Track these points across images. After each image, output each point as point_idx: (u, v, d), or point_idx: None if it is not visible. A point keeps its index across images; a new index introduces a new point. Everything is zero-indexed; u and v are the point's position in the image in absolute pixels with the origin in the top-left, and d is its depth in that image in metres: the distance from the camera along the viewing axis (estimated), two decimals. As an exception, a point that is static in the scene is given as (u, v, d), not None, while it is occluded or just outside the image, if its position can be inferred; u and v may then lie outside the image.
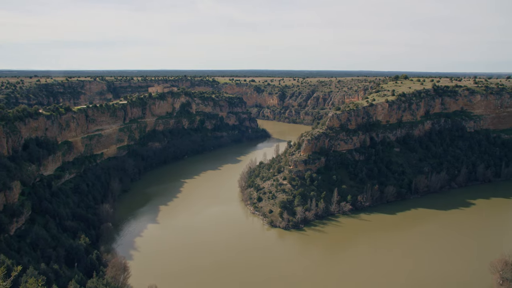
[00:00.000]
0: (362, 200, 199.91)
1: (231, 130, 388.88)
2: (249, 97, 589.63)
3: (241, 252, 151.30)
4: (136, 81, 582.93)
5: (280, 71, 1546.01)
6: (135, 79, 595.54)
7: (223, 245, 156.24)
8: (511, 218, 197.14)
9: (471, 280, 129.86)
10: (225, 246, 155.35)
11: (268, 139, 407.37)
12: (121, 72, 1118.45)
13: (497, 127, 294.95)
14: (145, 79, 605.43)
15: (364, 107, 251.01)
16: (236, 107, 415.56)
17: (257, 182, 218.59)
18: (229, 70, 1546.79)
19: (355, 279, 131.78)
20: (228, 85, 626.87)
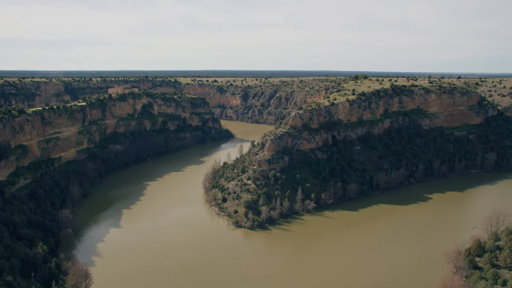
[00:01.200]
0: (325, 198, 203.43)
1: (194, 131, 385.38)
2: (212, 98, 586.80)
3: (206, 253, 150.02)
4: (95, 82, 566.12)
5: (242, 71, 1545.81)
6: (94, 80, 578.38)
7: (188, 247, 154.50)
8: (464, 210, 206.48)
9: (428, 270, 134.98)
10: (191, 248, 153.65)
11: (232, 139, 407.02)
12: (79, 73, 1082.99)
13: (450, 125, 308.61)
14: (105, 80, 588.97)
15: (326, 106, 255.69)
16: (199, 107, 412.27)
17: (222, 183, 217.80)
18: (192, 70, 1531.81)
19: (321, 276, 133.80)
20: (190, 85, 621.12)
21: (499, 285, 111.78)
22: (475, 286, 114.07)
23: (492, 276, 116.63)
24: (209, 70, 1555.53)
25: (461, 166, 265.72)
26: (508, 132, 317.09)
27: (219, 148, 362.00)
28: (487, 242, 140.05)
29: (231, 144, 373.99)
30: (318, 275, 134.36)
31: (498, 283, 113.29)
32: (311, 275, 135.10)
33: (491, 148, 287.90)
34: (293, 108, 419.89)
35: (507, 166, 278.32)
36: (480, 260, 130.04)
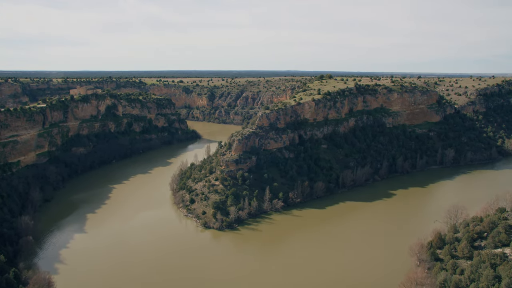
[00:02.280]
0: (293, 197, 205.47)
1: (160, 132, 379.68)
2: (178, 98, 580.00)
3: (175, 256, 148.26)
4: (56, 83, 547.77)
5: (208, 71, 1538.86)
6: (55, 81, 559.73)
7: (156, 251, 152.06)
8: (426, 205, 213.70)
9: (393, 263, 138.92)
10: (159, 252, 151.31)
11: (199, 140, 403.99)
12: (38, 73, 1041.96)
13: (412, 122, 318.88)
14: (66, 80, 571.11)
15: (292, 106, 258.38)
16: (165, 108, 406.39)
17: (189, 184, 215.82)
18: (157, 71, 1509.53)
19: (290, 275, 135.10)
20: (156, 86, 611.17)
21: (457, 275, 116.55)
22: (437, 277, 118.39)
23: (452, 267, 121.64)
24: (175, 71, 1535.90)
25: (422, 163, 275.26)
26: (465, 129, 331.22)
27: (186, 149, 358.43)
28: (447, 234, 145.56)
29: (198, 145, 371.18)
30: (286, 274, 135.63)
31: (457, 273, 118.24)
32: (279, 274, 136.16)
33: (450, 145, 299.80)
34: (260, 108, 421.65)
35: (464, 161, 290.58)
36: (441, 252, 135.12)
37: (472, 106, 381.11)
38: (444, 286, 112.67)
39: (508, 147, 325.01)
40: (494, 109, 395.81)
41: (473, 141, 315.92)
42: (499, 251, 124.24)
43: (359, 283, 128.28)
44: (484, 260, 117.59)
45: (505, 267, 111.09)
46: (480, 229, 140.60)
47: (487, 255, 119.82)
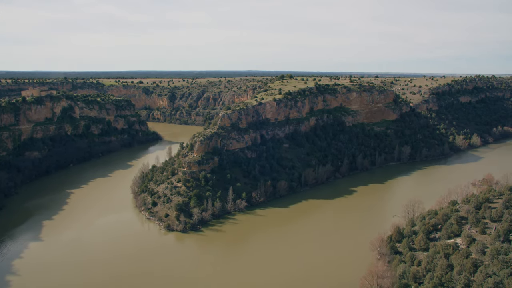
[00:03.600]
0: (256, 197, 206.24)
1: (120, 134, 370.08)
2: (138, 99, 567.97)
3: (138, 261, 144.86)
4: (4, 84, 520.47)
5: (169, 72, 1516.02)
6: (3, 81, 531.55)
7: (118, 256, 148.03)
8: (385, 201, 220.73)
9: (356, 259, 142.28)
10: (121, 257, 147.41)
11: (160, 141, 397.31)
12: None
13: (370, 121, 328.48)
14: (17, 81, 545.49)
15: (254, 106, 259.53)
16: (124, 110, 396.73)
17: (151, 187, 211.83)
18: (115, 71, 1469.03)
19: (254, 274, 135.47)
20: (114, 87, 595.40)
21: (415, 266, 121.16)
22: (396, 269, 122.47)
23: (410, 259, 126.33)
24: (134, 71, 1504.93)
25: (381, 160, 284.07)
26: (419, 126, 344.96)
27: (147, 151, 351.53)
28: (405, 228, 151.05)
29: (160, 146, 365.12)
30: (251, 274, 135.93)
31: (414, 264, 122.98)
32: (244, 274, 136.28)
33: (406, 142, 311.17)
34: (221, 108, 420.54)
35: (419, 158, 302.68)
36: (400, 245, 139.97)
37: (426, 104, 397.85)
38: (403, 277, 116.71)
39: (458, 143, 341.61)
40: (446, 107, 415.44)
41: (427, 138, 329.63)
42: (451, 242, 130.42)
43: (323, 280, 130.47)
44: (439, 251, 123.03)
45: (457, 256, 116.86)
46: (435, 221, 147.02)
47: (441, 246, 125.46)
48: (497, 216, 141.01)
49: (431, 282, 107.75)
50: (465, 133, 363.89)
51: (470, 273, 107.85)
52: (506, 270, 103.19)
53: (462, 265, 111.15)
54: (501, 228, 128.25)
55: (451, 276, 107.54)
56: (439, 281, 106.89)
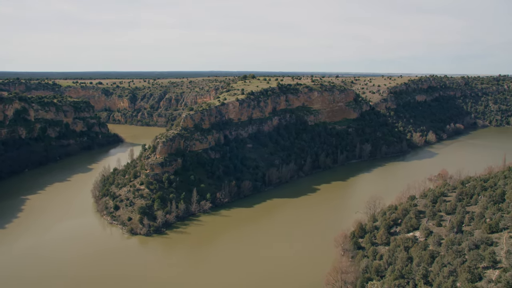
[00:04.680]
0: (221, 197, 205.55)
1: (79, 137, 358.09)
2: (97, 101, 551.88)
3: (101, 266, 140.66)
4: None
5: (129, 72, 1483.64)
6: None
7: (79, 263, 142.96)
8: (348, 197, 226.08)
9: (321, 255, 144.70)
10: (82, 264, 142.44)
11: (121, 144, 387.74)
12: None
13: (332, 120, 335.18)
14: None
15: (217, 106, 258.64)
16: (83, 112, 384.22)
17: (113, 190, 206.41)
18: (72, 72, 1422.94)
19: (220, 275, 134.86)
20: (72, 88, 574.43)
21: (377, 260, 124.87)
22: (359, 264, 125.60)
23: (372, 253, 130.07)
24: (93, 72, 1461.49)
25: (343, 158, 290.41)
26: (379, 125, 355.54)
27: (107, 153, 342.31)
28: (367, 224, 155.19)
29: (121, 149, 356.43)
30: (216, 275, 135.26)
31: (377, 258, 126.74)
32: (210, 275, 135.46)
33: (367, 140, 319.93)
34: (184, 109, 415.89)
35: (379, 155, 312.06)
36: (362, 240, 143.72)
37: (384, 103, 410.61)
38: (366, 271, 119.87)
39: (415, 140, 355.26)
40: (403, 106, 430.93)
41: (387, 136, 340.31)
42: (410, 235, 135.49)
43: (288, 278, 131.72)
44: (399, 245, 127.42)
45: (416, 249, 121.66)
46: (395, 216, 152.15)
47: (401, 239, 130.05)
48: (451, 209, 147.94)
49: (392, 274, 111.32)
50: (421, 130, 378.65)
51: (428, 264, 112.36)
52: (459, 259, 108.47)
53: (420, 257, 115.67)
54: (454, 220, 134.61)
55: (411, 268, 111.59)
56: (399, 273, 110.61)
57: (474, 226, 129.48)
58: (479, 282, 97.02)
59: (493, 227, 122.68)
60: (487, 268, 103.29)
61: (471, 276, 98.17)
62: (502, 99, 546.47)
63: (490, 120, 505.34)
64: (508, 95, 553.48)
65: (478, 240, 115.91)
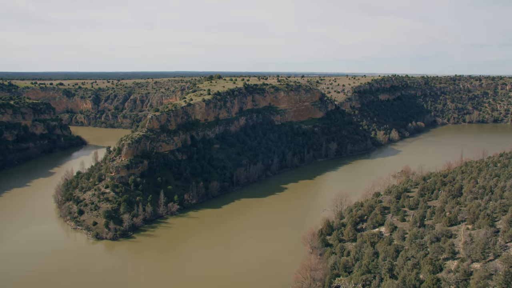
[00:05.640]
0: (188, 199, 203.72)
1: (39, 140, 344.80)
2: (58, 102, 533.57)
3: (65, 273, 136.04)
4: None
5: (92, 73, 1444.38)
6: None
7: (42, 272, 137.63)
8: (315, 196, 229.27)
9: (290, 254, 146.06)
10: (45, 273, 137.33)
11: (85, 146, 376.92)
12: None
13: (298, 119, 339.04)
14: None
15: (183, 107, 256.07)
16: (43, 114, 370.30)
17: (76, 194, 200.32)
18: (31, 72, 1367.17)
19: (190, 278, 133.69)
20: (30, 89, 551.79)
21: (345, 256, 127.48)
22: (328, 261, 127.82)
23: (340, 250, 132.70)
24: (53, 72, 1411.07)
25: (309, 157, 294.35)
26: (344, 123, 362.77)
27: (70, 157, 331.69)
28: (334, 221, 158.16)
29: (84, 151, 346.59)
30: (186, 278, 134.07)
31: (344, 255, 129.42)
32: (179, 278, 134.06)
33: (332, 138, 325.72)
34: (149, 110, 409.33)
35: (345, 153, 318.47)
36: (330, 238, 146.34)
37: (349, 102, 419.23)
38: (335, 268, 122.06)
39: (379, 138, 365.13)
40: (367, 105, 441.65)
41: (352, 134, 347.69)
42: (376, 231, 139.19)
43: (259, 278, 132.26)
44: (366, 240, 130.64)
45: (381, 244, 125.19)
46: (361, 213, 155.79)
47: (367, 235, 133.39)
48: (414, 204, 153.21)
49: (359, 270, 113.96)
50: (385, 128, 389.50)
51: (393, 258, 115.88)
52: (422, 252, 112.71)
53: (386, 252, 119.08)
54: (417, 214, 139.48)
55: (377, 263, 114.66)
56: (366, 268, 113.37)
57: (435, 220, 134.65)
58: (440, 273, 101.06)
59: (452, 220, 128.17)
60: (447, 259, 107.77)
61: (433, 267, 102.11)
62: (459, 98, 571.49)
63: (448, 118, 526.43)
64: (463, 94, 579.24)
65: (439, 233, 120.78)
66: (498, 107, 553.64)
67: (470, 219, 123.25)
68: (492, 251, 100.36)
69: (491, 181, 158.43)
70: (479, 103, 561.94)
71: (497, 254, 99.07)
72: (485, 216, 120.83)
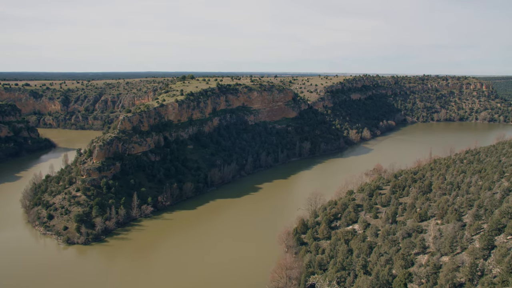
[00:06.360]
0: (162, 200, 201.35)
1: (4, 143, 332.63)
2: (25, 104, 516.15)
3: (35, 282, 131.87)
4: None
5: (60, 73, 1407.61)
6: None
7: (9, 281, 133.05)
8: (290, 195, 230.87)
9: (266, 253, 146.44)
10: (13, 281, 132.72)
11: (54, 149, 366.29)
12: None
13: (272, 119, 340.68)
14: None
15: (155, 108, 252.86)
16: (8, 116, 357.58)
17: (46, 198, 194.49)
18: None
19: (165, 280, 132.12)
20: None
21: (320, 254, 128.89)
22: (303, 259, 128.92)
23: (315, 248, 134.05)
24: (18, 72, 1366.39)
25: (283, 156, 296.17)
26: (317, 123, 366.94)
27: (38, 160, 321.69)
28: (309, 220, 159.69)
29: (54, 154, 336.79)
30: (161, 281, 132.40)
31: (319, 253, 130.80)
32: (154, 282, 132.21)
33: (306, 138, 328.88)
34: (121, 111, 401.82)
35: (318, 152, 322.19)
36: (305, 236, 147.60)
37: (322, 102, 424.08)
38: (310, 266, 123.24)
39: (352, 137, 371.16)
40: (339, 104, 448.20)
41: (325, 133, 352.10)
42: (350, 228, 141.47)
43: (235, 279, 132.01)
44: (340, 238, 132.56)
45: (355, 241, 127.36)
46: (335, 211, 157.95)
47: (341, 233, 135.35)
48: (386, 201, 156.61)
49: (334, 267, 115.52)
50: (357, 127, 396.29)
51: (367, 254, 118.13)
52: (394, 248, 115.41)
53: (359, 249, 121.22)
54: (389, 211, 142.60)
55: (351, 260, 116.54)
56: (341, 265, 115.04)
57: (406, 216, 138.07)
58: (412, 267, 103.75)
59: (423, 216, 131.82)
60: (418, 254, 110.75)
61: (405, 262, 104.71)
62: (427, 97, 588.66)
63: (417, 117, 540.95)
64: (431, 94, 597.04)
65: (410, 229, 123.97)
66: (463, 106, 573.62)
67: (439, 214, 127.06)
68: (460, 245, 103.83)
69: (458, 177, 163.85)
70: (446, 102, 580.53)
71: (463, 247, 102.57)
72: (453, 211, 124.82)
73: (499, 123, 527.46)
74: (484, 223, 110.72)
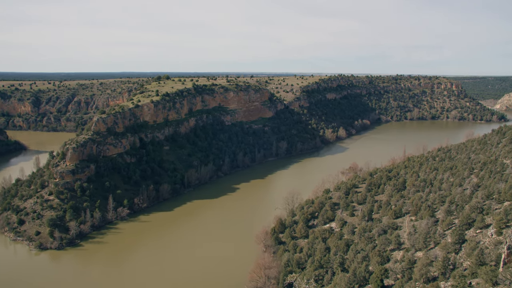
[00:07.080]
0: (139, 202, 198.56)
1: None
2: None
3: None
4: None
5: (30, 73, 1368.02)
6: None
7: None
8: (267, 195, 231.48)
9: (243, 254, 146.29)
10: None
11: (24, 152, 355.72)
12: None
13: (248, 119, 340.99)
14: None
15: (130, 108, 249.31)
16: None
17: (16, 203, 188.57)
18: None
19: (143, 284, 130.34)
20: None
21: (298, 253, 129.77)
22: (281, 258, 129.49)
23: (293, 247, 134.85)
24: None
25: (260, 156, 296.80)
26: (294, 122, 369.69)
27: (8, 163, 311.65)
28: (286, 219, 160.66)
29: (24, 157, 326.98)
30: (138, 284, 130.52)
31: (297, 251, 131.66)
32: (131, 285, 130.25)
33: (282, 137, 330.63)
34: (95, 112, 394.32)
35: (295, 152, 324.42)
36: (283, 235, 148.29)
37: (298, 102, 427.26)
38: (288, 265, 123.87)
39: (328, 136, 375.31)
40: (315, 104, 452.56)
41: (301, 133, 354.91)
42: (327, 226, 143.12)
43: (213, 280, 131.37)
44: (317, 236, 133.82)
45: (332, 239, 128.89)
46: (312, 210, 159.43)
47: (319, 231, 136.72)
48: (362, 199, 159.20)
49: (312, 265, 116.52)
50: (332, 126, 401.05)
51: (344, 252, 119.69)
52: (371, 245, 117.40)
53: (337, 246, 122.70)
54: (365, 209, 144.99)
55: (329, 258, 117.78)
56: (319, 263, 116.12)
57: (382, 213, 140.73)
58: (388, 263, 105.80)
59: (397, 213, 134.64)
60: (393, 250, 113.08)
61: (381, 259, 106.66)
62: (400, 96, 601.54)
63: (391, 116, 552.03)
64: (405, 93, 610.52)
65: (386, 226, 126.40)
66: (435, 105, 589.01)
67: (413, 211, 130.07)
68: (433, 240, 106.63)
69: (431, 175, 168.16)
70: (418, 101, 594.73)
71: (436, 242, 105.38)
72: (426, 207, 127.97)
73: (468, 121, 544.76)
74: (455, 218, 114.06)
